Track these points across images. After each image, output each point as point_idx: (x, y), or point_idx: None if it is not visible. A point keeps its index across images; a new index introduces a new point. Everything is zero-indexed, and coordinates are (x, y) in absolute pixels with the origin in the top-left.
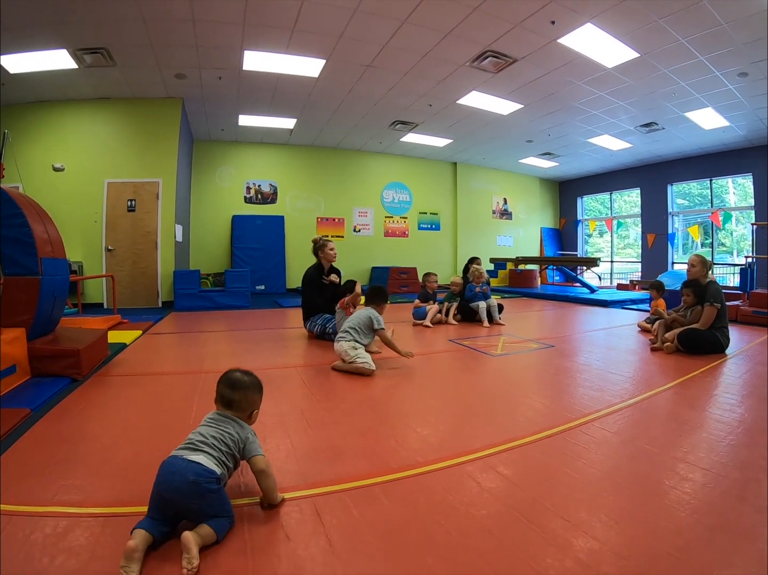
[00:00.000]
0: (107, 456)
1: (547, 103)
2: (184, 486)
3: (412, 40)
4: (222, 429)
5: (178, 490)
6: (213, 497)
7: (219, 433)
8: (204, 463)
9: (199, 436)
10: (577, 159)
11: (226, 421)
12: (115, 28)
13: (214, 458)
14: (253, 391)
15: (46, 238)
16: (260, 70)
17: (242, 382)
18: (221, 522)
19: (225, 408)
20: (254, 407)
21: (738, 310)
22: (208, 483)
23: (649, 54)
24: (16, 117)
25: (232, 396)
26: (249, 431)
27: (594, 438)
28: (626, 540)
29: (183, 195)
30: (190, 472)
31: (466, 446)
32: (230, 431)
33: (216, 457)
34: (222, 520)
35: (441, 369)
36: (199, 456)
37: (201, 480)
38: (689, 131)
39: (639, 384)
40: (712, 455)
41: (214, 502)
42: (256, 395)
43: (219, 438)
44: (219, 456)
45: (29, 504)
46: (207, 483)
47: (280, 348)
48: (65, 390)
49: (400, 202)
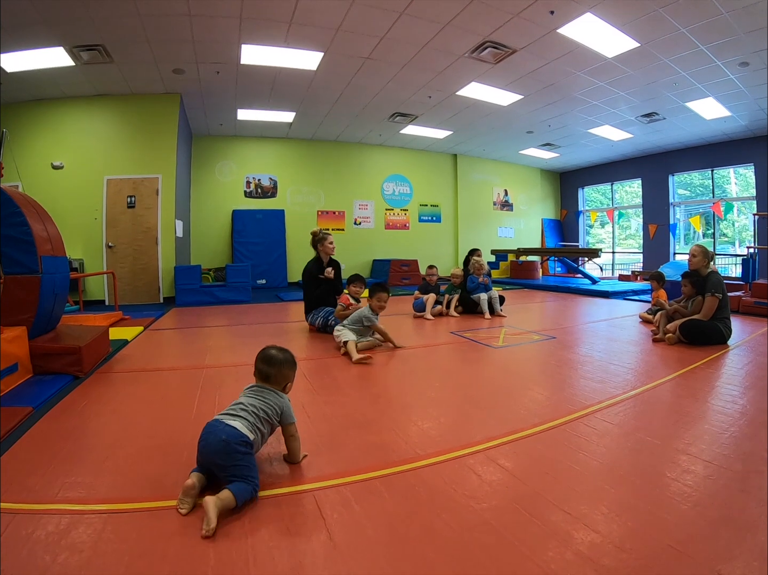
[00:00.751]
0: (109, 452)
1: (547, 94)
2: (216, 444)
3: (411, 31)
4: (262, 398)
5: (211, 447)
6: (239, 458)
7: (259, 402)
8: (238, 428)
9: (241, 405)
10: (577, 149)
11: (265, 391)
12: (112, 25)
13: (249, 424)
14: (287, 367)
15: (45, 236)
16: (258, 63)
17: (277, 358)
18: (243, 487)
19: (262, 381)
20: (288, 380)
21: (740, 301)
22: (237, 444)
23: (649, 43)
24: (14, 116)
25: (269, 371)
26: (286, 400)
27: (595, 430)
28: (628, 533)
29: (183, 190)
30: (224, 433)
31: (467, 439)
32: (270, 400)
33: (251, 423)
34: (244, 485)
35: (442, 362)
36: (236, 421)
37: (231, 440)
38: (690, 121)
39: (641, 375)
40: (714, 447)
41: (240, 463)
42: (290, 370)
43: (259, 406)
44: (254, 422)
45: (32, 502)
46: (236, 444)
47: (281, 342)
48: (67, 387)
49: (401, 195)
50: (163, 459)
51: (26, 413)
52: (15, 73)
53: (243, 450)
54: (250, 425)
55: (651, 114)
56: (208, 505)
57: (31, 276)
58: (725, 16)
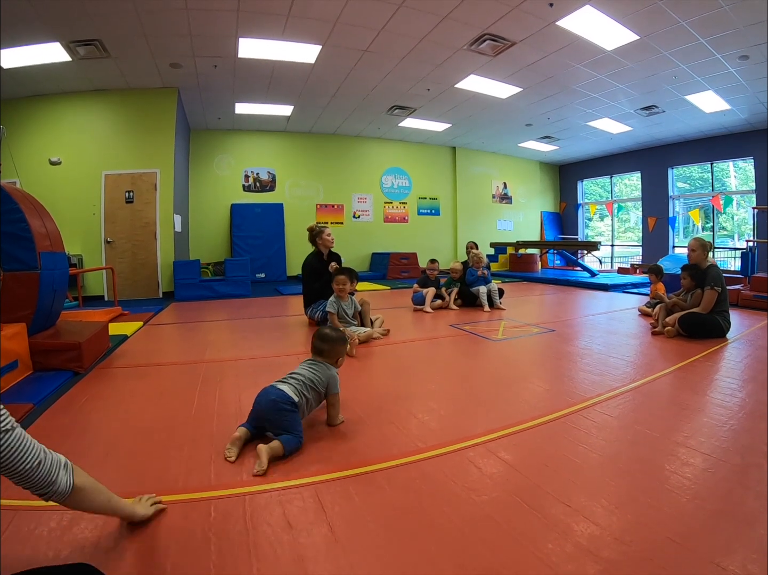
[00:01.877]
0: (110, 448)
1: (546, 87)
2: (267, 403)
3: (409, 24)
4: (313, 369)
5: (263, 406)
6: (286, 415)
7: (308, 372)
8: (286, 391)
9: (292, 374)
10: (577, 142)
11: (317, 364)
12: (108, 20)
13: (296, 389)
14: (339, 344)
15: (44, 232)
16: (256, 57)
17: (330, 336)
18: (290, 438)
19: (317, 356)
20: (339, 355)
21: (739, 294)
22: (284, 403)
23: (649, 36)
24: (11, 112)
25: (322, 347)
26: (334, 372)
27: (595, 423)
28: (627, 526)
29: (181, 185)
30: (273, 394)
31: (467, 431)
32: (318, 371)
33: (298, 389)
34: (291, 437)
35: (442, 355)
36: (285, 386)
37: (279, 400)
38: (690, 114)
39: (640, 368)
40: (713, 440)
41: (286, 419)
42: (341, 347)
43: (307, 376)
44: (301, 389)
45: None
46: (283, 403)
47: (280, 337)
48: (67, 383)
49: (400, 188)
50: (164, 455)
51: (27, 410)
52: (11, 69)
53: (289, 409)
54: (296, 390)
55: (650, 107)
56: (261, 450)
57: (30, 272)
58: (725, 9)
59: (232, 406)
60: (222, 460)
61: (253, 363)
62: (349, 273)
